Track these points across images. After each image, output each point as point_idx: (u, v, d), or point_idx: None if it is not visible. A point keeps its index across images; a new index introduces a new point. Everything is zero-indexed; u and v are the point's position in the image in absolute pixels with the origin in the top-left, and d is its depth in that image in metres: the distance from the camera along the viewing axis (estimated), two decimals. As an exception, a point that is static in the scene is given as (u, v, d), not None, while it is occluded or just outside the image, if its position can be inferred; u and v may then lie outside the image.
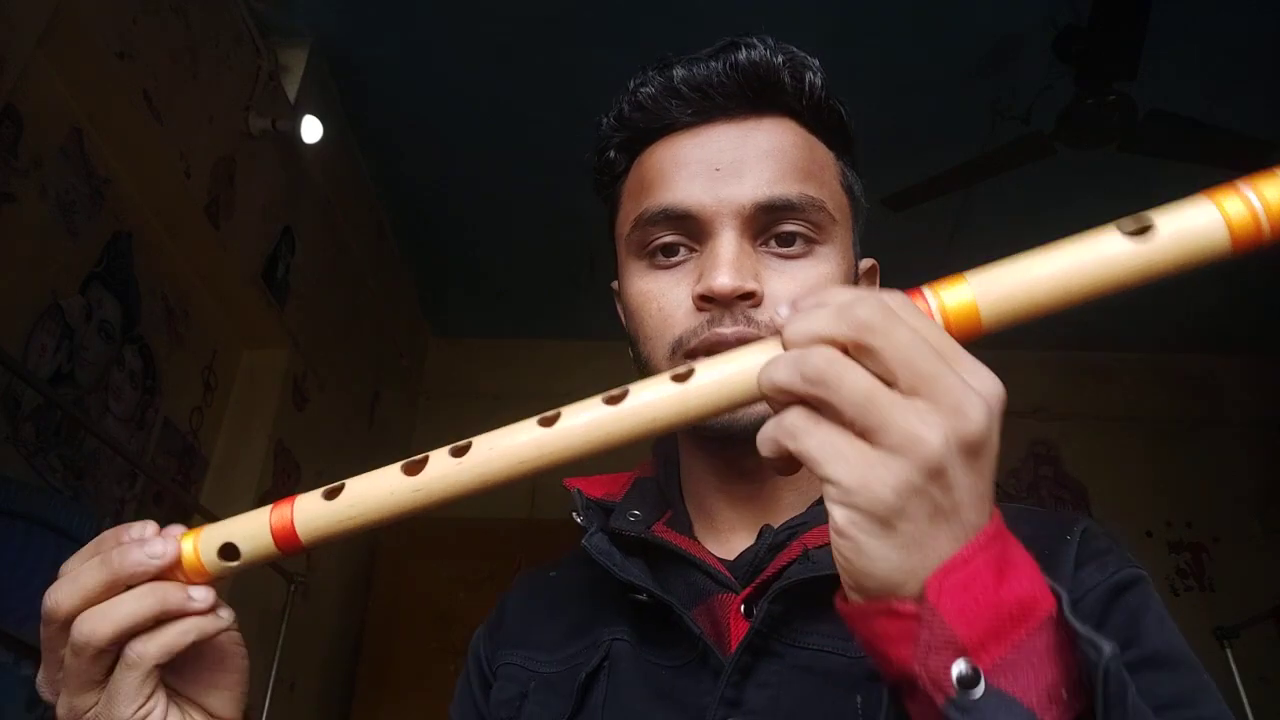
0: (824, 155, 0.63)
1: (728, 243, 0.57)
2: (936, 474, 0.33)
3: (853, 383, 0.34)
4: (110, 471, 1.98)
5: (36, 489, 1.73)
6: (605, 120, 0.67)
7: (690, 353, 0.57)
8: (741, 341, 0.56)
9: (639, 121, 0.64)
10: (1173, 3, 2.26)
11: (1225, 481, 3.55)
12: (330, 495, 0.44)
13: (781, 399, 0.36)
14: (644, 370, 0.62)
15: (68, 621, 0.45)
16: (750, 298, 0.57)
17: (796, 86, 0.61)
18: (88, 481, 1.91)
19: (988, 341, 0.42)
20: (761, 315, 0.57)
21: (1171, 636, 0.52)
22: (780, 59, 0.61)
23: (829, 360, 0.35)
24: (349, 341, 3.06)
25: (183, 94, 2.02)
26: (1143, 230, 0.37)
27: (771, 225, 0.59)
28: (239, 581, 2.28)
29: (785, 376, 0.36)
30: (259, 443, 2.45)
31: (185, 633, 0.46)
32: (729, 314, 0.57)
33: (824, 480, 0.34)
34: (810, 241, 0.60)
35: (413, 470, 0.42)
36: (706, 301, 0.57)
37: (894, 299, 0.37)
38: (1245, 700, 2.52)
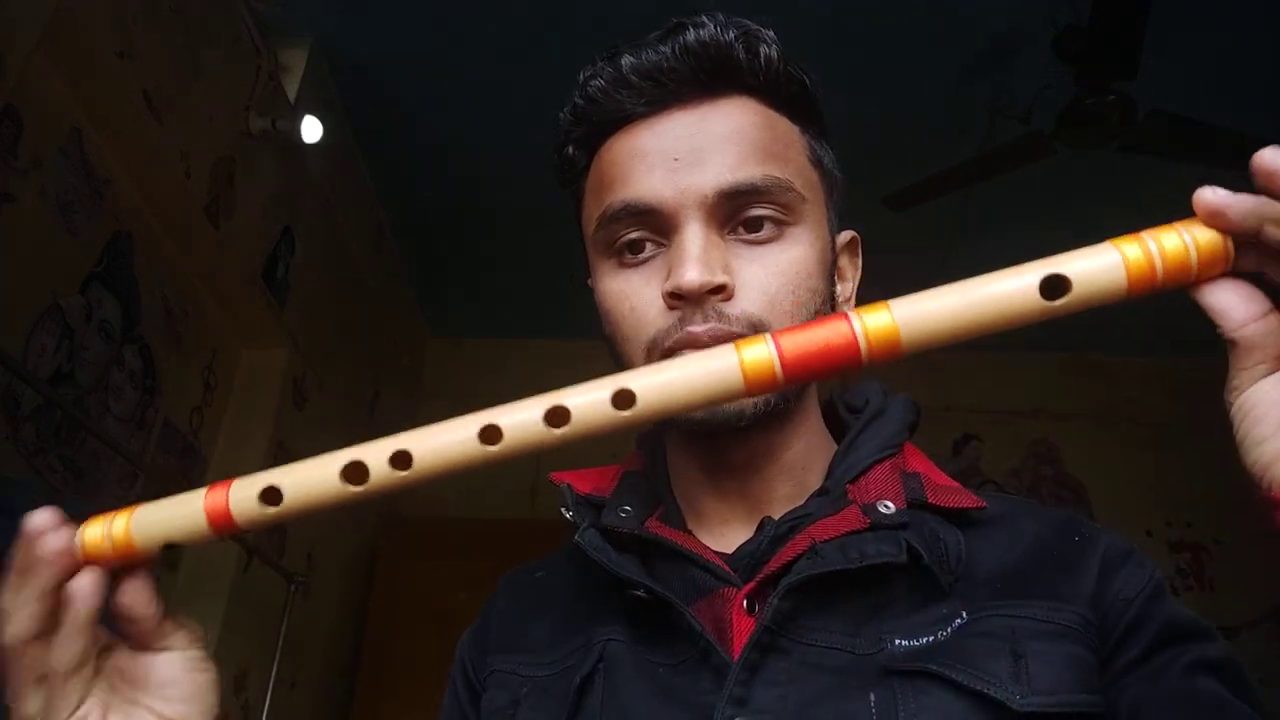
0: (787, 131, 0.61)
1: (693, 236, 0.56)
2: None
3: None
4: (110, 471, 1.98)
5: (36, 489, 1.73)
6: (562, 115, 0.65)
7: (666, 353, 0.56)
8: (714, 339, 0.55)
9: (593, 115, 0.61)
10: (1173, 3, 2.26)
11: (1225, 481, 3.53)
12: (268, 500, 0.45)
13: None
14: (623, 370, 0.62)
15: None
16: (721, 291, 0.55)
17: (751, 62, 0.59)
18: (88, 481, 1.91)
19: (988, 342, 0.43)
20: (732, 309, 0.56)
21: (1219, 639, 0.55)
22: (732, 34, 0.58)
23: None
24: (349, 341, 3.06)
25: (183, 94, 2.02)
26: (1059, 291, 0.40)
27: (738, 211, 0.57)
28: (238, 580, 2.28)
29: None
30: (259, 443, 2.45)
31: (73, 627, 0.46)
32: (700, 310, 0.55)
33: None
34: (780, 224, 0.58)
35: (353, 479, 0.44)
36: (676, 299, 0.56)
37: None
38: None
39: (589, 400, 0.43)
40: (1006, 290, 0.41)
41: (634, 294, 0.59)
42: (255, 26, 2.34)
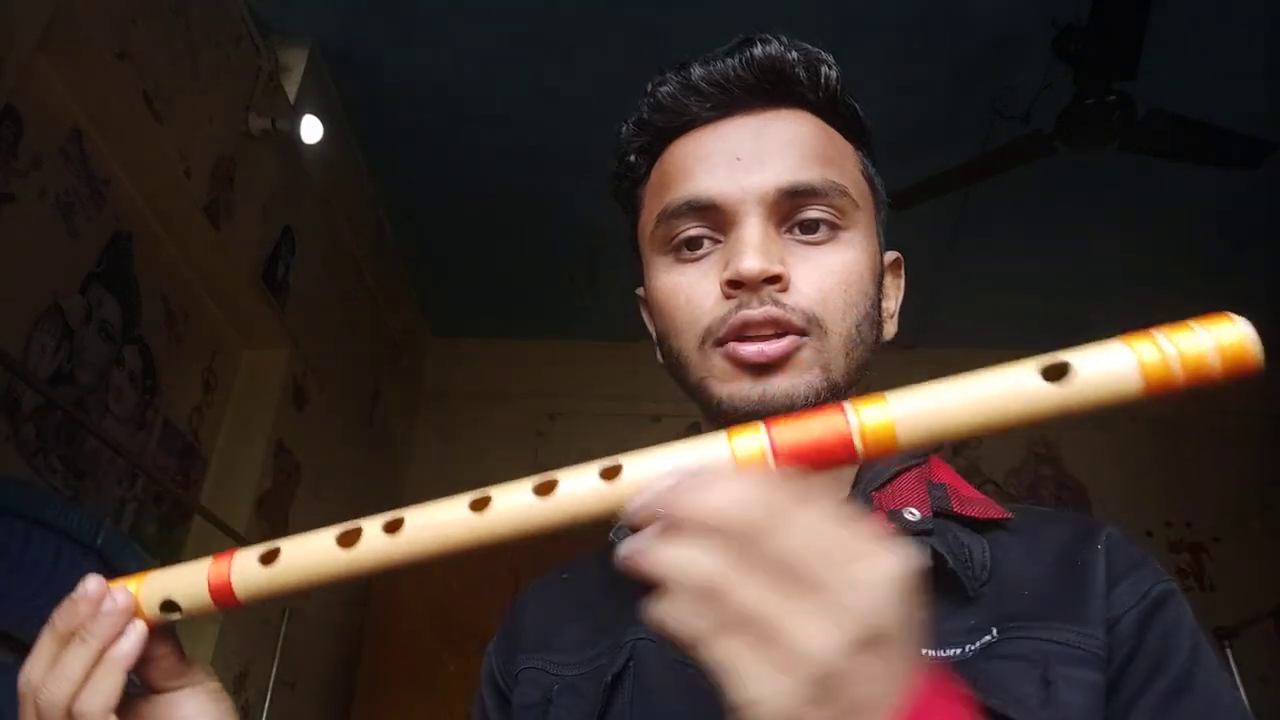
0: (843, 144, 0.64)
1: (753, 228, 0.57)
2: (835, 677, 0.33)
3: (742, 595, 0.34)
4: (110, 471, 1.98)
5: (36, 489, 1.73)
6: (624, 127, 0.66)
7: (719, 341, 0.57)
8: (769, 321, 0.56)
9: (659, 122, 0.64)
10: (1173, 3, 2.26)
11: (1225, 481, 3.55)
12: (266, 560, 0.46)
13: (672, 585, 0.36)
14: (673, 367, 0.62)
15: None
16: (777, 281, 0.57)
17: (812, 80, 0.62)
18: (88, 481, 1.91)
19: (988, 340, 0.43)
20: (788, 299, 0.57)
21: (1201, 655, 0.53)
22: (795, 54, 0.61)
23: (719, 572, 0.34)
24: (349, 341, 3.06)
25: (183, 94, 2.02)
26: (1060, 374, 0.38)
27: (795, 211, 0.59)
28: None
29: (688, 581, 0.35)
30: (259, 443, 2.45)
31: (110, 672, 0.47)
32: (756, 297, 0.56)
33: (728, 686, 0.34)
34: (834, 227, 0.59)
35: (347, 542, 0.44)
36: (734, 287, 0.57)
37: (780, 490, 0.35)
38: (1245, 700, 2.52)
39: (578, 474, 0.43)
40: (1011, 381, 0.39)
41: (690, 287, 0.60)
42: (255, 26, 2.34)
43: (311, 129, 2.45)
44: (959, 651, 0.52)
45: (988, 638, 0.52)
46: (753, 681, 0.33)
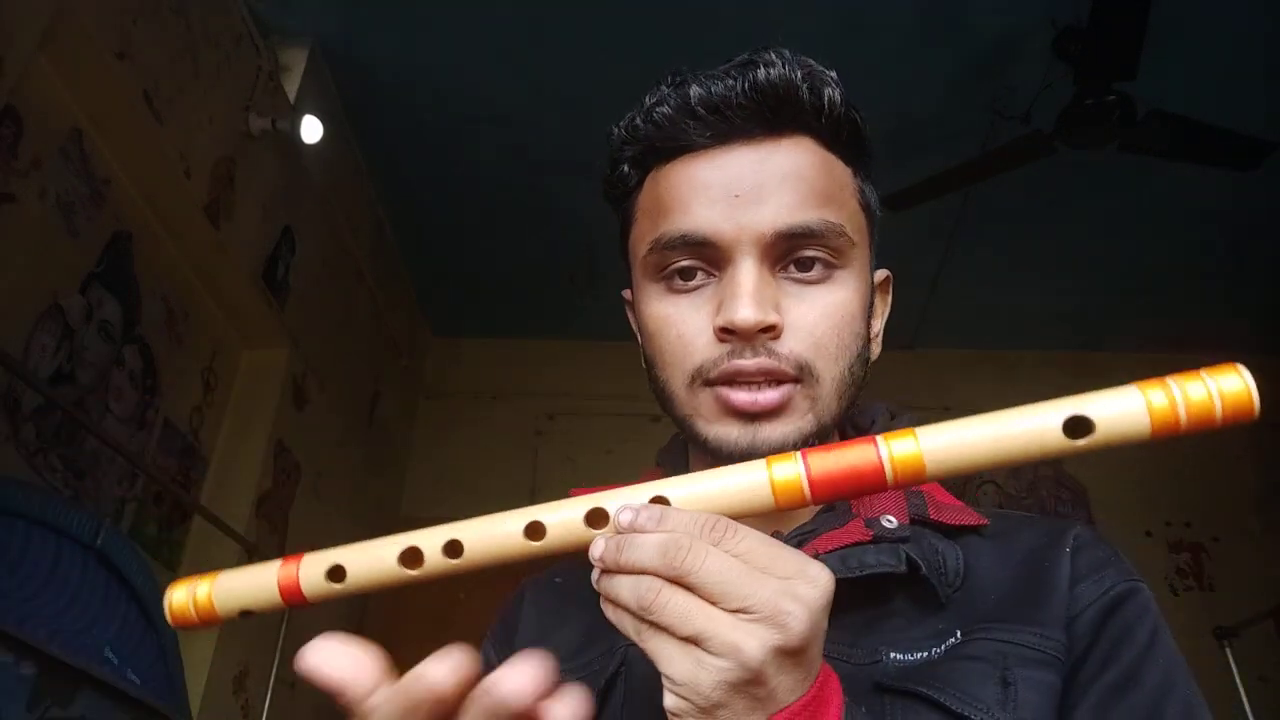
0: (842, 174, 0.62)
1: (747, 272, 0.57)
2: (755, 677, 0.39)
3: (673, 607, 0.40)
4: (110, 471, 1.98)
5: (36, 489, 1.73)
6: (617, 131, 0.65)
7: (709, 382, 0.57)
8: (761, 372, 0.56)
9: (654, 139, 0.62)
10: (1173, 3, 2.26)
11: (1225, 481, 3.55)
12: (333, 578, 0.50)
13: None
14: (661, 395, 0.62)
15: None
16: (771, 330, 0.56)
17: (815, 103, 0.60)
18: (88, 481, 1.91)
19: (988, 340, 0.44)
20: (781, 347, 0.57)
21: (1156, 652, 0.53)
22: (799, 75, 0.59)
23: (653, 591, 0.41)
24: (349, 341, 3.06)
25: (183, 94, 2.02)
26: (1082, 430, 0.43)
27: (791, 251, 0.58)
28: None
29: (626, 598, 0.42)
30: (259, 443, 2.45)
31: None
32: (749, 346, 0.56)
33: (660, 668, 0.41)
34: (829, 266, 0.59)
35: (409, 563, 0.48)
36: (728, 334, 0.57)
37: (709, 521, 0.42)
38: (1245, 700, 2.53)
39: (630, 499, 0.46)
40: (1031, 426, 0.43)
41: (682, 321, 0.59)
42: (255, 26, 2.34)
43: (311, 129, 2.45)
44: (925, 655, 0.52)
45: (952, 640, 0.53)
46: (684, 667, 0.40)
